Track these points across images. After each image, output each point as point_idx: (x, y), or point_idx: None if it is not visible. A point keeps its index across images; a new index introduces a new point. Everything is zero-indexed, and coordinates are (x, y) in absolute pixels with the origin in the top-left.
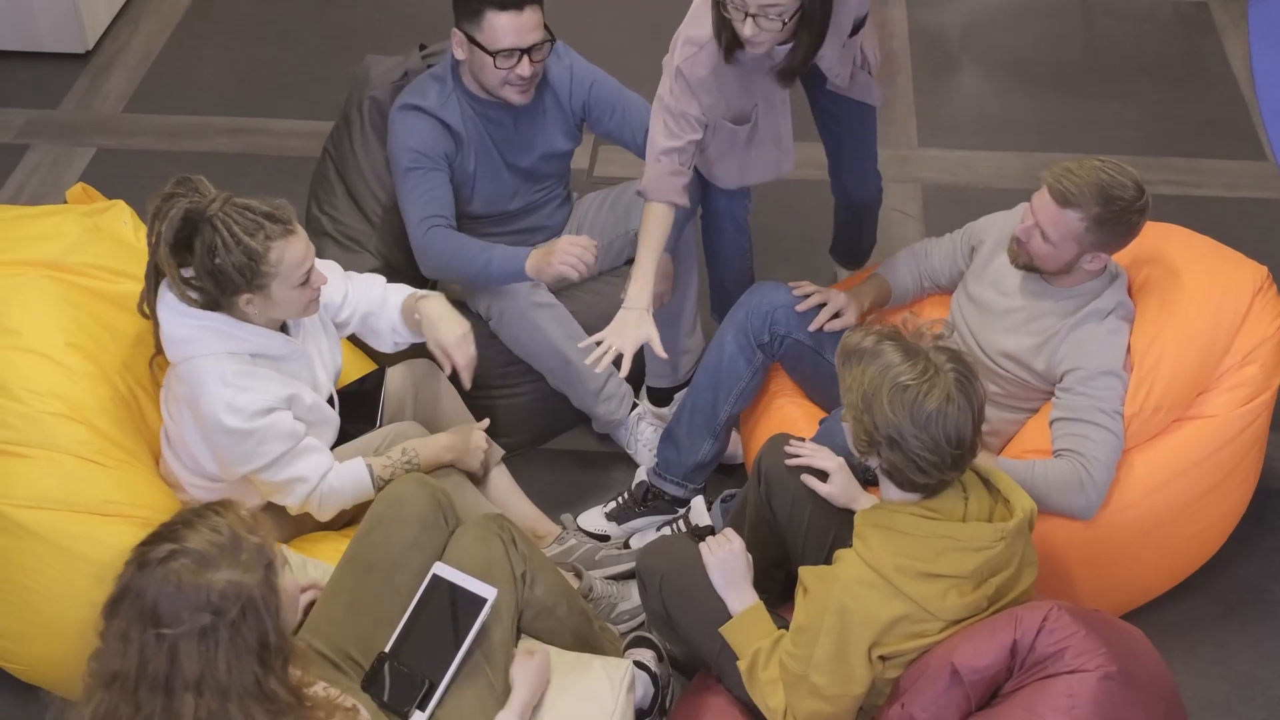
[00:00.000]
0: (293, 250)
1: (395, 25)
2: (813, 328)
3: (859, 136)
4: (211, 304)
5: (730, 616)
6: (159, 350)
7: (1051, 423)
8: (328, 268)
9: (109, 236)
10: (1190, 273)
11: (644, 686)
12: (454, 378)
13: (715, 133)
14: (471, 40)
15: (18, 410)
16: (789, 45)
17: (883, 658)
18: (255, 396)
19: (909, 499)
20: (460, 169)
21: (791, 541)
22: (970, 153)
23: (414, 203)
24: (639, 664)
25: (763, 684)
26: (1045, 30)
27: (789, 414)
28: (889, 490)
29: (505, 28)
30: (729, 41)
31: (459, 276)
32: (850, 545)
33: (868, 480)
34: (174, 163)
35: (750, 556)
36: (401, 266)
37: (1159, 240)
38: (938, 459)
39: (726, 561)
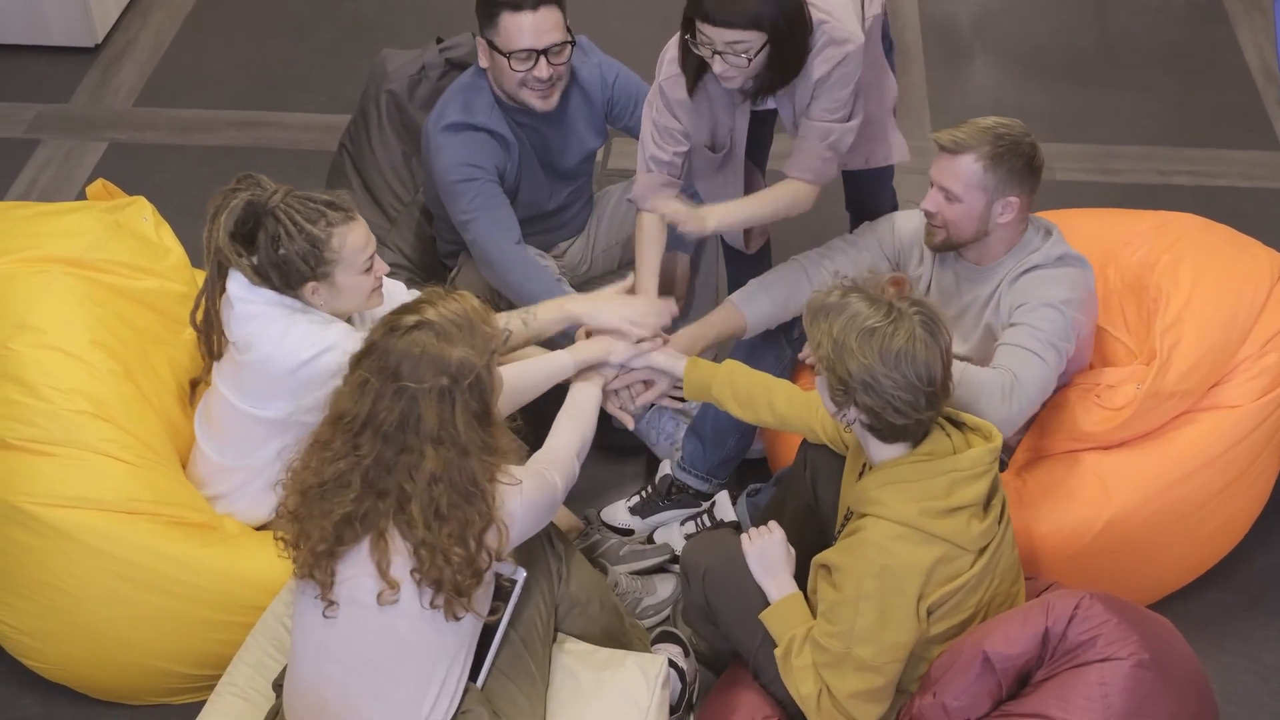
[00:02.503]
0: (354, 236)
1: (407, 17)
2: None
3: (875, 182)
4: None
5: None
6: (210, 354)
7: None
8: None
9: (130, 233)
10: (1208, 261)
11: (671, 682)
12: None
13: (695, 153)
14: (491, 45)
15: (43, 409)
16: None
17: (929, 610)
18: (331, 332)
19: (898, 453)
20: (507, 178)
21: (833, 529)
22: None
23: (487, 216)
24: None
25: (795, 670)
26: (1058, 20)
27: None
28: (876, 450)
29: (520, 28)
30: (693, 76)
31: (515, 296)
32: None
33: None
34: (186, 157)
35: (791, 549)
36: (419, 261)
37: (1176, 229)
38: (911, 398)
39: (766, 550)
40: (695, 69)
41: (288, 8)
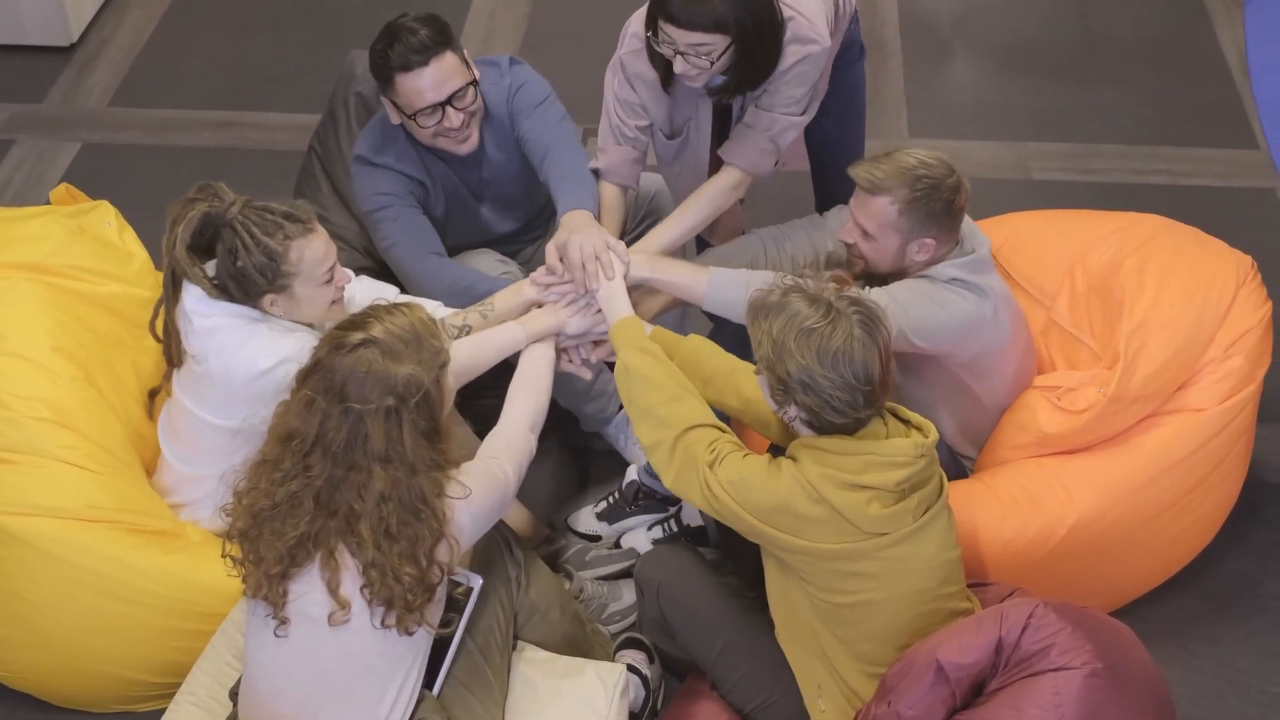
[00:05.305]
0: (312, 249)
1: (385, 14)
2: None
3: (843, 161)
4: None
5: (721, 621)
6: (171, 361)
7: None
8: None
9: (92, 238)
10: (1173, 263)
11: (635, 689)
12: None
13: (654, 136)
14: (395, 105)
15: (3, 416)
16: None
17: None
18: (290, 343)
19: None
20: (432, 210)
21: None
22: (962, 142)
23: (405, 238)
24: (630, 666)
25: (643, 353)
26: (1039, 16)
27: None
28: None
29: (417, 88)
30: (664, 72)
31: (449, 300)
32: None
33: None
34: (160, 157)
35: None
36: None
37: (1143, 231)
38: (849, 397)
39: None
40: (665, 65)
41: (266, 5)
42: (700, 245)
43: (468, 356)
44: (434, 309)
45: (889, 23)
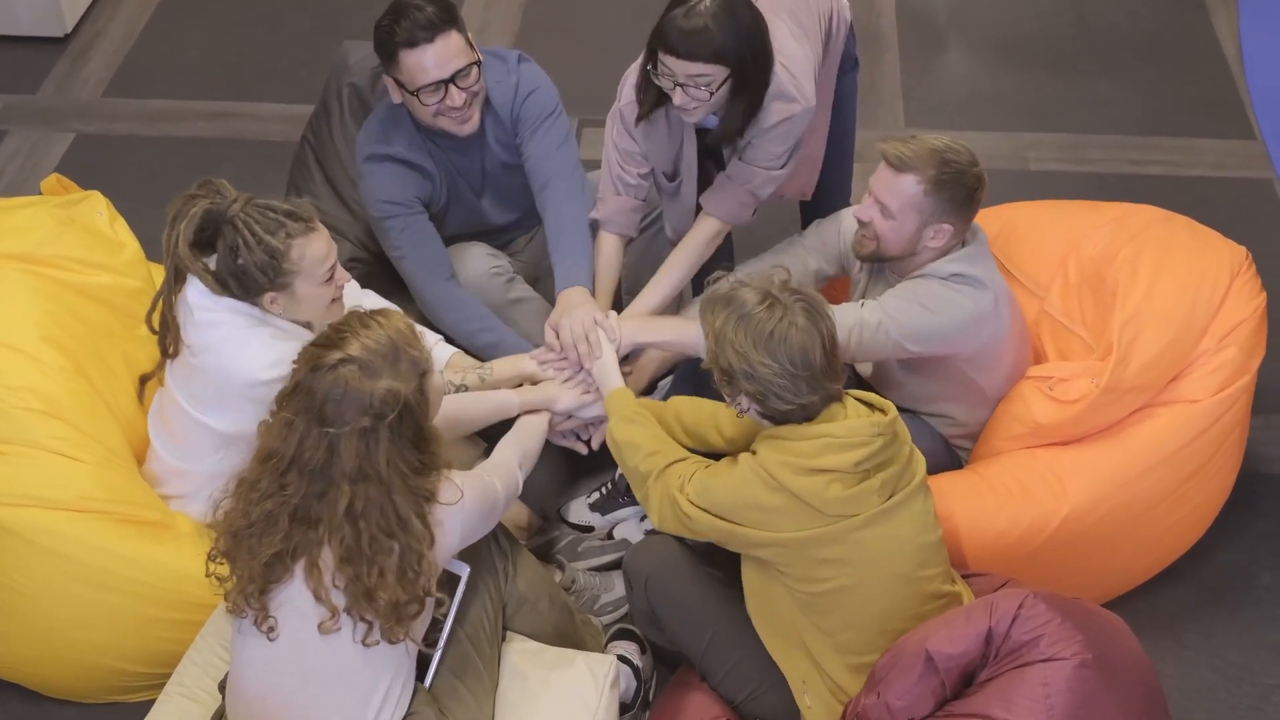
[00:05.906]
0: (314, 247)
1: (380, 8)
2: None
3: (830, 168)
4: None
5: (709, 612)
6: (166, 353)
7: None
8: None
9: (83, 228)
10: (1168, 254)
11: (626, 680)
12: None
13: (655, 178)
14: (398, 83)
15: None
16: (720, 116)
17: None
18: (288, 350)
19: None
20: (434, 204)
21: None
22: (959, 133)
23: (416, 254)
24: (621, 657)
25: (629, 423)
26: (1035, 8)
27: None
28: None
29: (421, 64)
30: (650, 104)
31: (451, 334)
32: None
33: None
34: (154, 148)
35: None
36: (380, 254)
37: (1137, 222)
38: (790, 383)
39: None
40: (654, 99)
41: None
42: (696, 289)
43: (458, 409)
44: (434, 341)
45: (885, 15)
